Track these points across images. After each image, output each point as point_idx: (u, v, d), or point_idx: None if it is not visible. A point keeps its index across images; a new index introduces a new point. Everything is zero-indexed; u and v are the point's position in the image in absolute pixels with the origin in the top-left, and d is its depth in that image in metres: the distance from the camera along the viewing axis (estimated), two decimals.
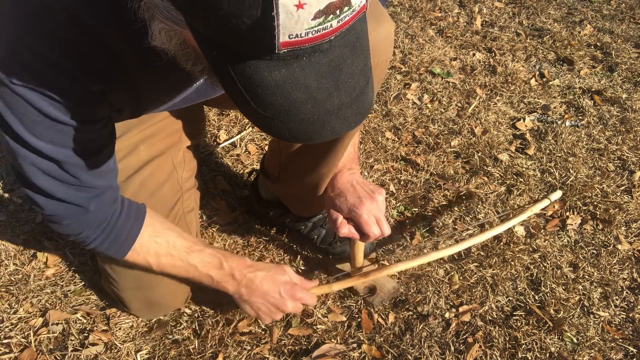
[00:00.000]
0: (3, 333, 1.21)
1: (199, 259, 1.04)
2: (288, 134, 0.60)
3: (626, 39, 2.48)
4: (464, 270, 1.39)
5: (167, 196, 1.17)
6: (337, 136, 0.63)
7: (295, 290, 1.09)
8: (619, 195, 1.64)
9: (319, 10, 0.50)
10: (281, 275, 1.09)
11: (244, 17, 0.49)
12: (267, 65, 0.55)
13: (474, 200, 1.60)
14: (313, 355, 1.18)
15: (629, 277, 1.41)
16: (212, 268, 1.05)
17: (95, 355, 1.17)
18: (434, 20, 2.56)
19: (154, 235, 0.99)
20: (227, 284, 1.07)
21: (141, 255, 0.99)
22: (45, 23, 0.70)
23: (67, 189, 0.85)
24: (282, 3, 0.48)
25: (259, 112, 0.59)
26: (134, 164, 1.11)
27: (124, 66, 0.78)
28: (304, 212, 1.40)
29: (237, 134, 1.80)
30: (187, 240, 1.04)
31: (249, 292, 1.07)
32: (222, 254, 1.07)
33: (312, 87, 0.57)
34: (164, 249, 1.01)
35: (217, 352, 1.19)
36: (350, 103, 0.61)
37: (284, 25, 0.50)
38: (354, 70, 0.60)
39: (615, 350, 1.24)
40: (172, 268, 1.03)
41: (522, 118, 1.94)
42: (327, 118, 0.59)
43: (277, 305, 1.08)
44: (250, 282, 1.06)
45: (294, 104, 0.58)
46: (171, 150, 1.19)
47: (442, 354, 1.21)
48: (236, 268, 1.06)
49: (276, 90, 0.56)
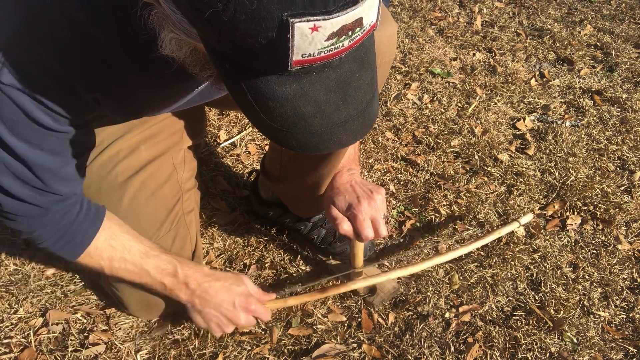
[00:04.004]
0: (3, 333, 1.21)
1: (153, 264, 1.00)
2: (296, 145, 0.61)
3: (626, 39, 2.48)
4: (464, 270, 1.39)
5: (167, 197, 1.17)
6: (344, 147, 0.64)
7: (249, 303, 1.06)
8: (619, 195, 1.64)
9: (332, 32, 0.51)
10: (237, 286, 1.06)
11: (259, 38, 0.51)
12: (279, 79, 0.56)
13: (474, 200, 1.60)
14: (313, 355, 1.18)
15: (629, 277, 1.41)
16: (166, 275, 1.01)
17: (96, 355, 1.17)
18: (434, 20, 2.56)
19: (110, 238, 0.96)
20: (180, 293, 1.03)
21: (94, 258, 0.96)
22: (44, 27, 0.70)
23: (31, 191, 0.83)
24: (298, 26, 0.49)
25: (268, 123, 0.60)
26: (134, 164, 1.11)
27: (121, 75, 0.77)
28: (304, 212, 1.40)
29: (237, 134, 1.80)
30: (143, 244, 1.00)
31: (202, 302, 1.04)
32: (178, 261, 1.03)
33: (321, 100, 0.58)
34: (118, 253, 0.97)
35: (217, 352, 1.19)
36: (357, 116, 0.62)
37: (298, 46, 0.51)
38: (361, 84, 0.61)
39: (615, 350, 1.24)
40: (125, 273, 1.00)
41: (522, 118, 1.94)
42: (334, 130, 0.61)
43: (229, 317, 1.05)
44: (205, 292, 1.03)
45: (303, 117, 0.59)
46: (172, 151, 1.19)
47: (442, 354, 1.21)
48: (191, 276, 1.02)
49: (286, 103, 0.58)
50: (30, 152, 0.78)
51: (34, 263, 1.36)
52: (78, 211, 0.92)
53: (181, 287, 1.03)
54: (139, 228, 1.11)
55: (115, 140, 1.10)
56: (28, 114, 0.73)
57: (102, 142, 1.09)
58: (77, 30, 0.70)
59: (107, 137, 1.10)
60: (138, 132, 1.11)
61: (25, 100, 0.72)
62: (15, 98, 0.71)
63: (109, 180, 1.08)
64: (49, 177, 0.83)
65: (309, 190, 1.23)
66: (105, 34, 0.72)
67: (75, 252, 0.94)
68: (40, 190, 0.83)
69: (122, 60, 0.76)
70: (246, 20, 0.49)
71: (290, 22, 0.49)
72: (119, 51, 0.74)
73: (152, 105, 0.94)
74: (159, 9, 0.59)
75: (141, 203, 1.11)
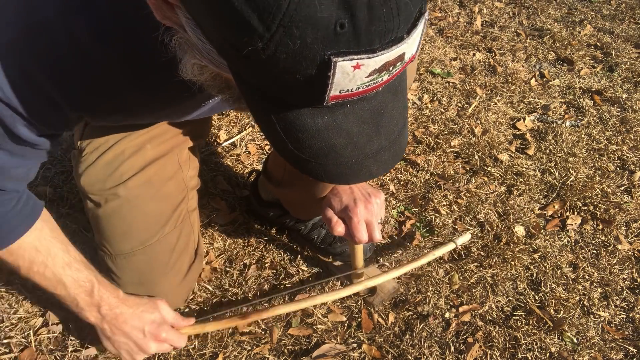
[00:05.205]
0: (3, 333, 1.21)
1: (72, 278, 0.96)
2: (324, 176, 0.59)
3: (626, 39, 2.48)
4: (464, 270, 1.39)
5: (173, 194, 1.17)
6: (373, 178, 0.62)
7: (159, 331, 1.03)
8: (619, 195, 1.64)
9: (374, 69, 0.49)
10: (149, 314, 1.03)
11: (297, 75, 0.49)
12: (311, 112, 0.54)
13: (474, 200, 1.60)
14: (313, 355, 1.18)
15: (629, 277, 1.41)
16: (81, 292, 0.97)
17: (96, 355, 1.17)
18: (434, 20, 2.56)
19: (37, 240, 0.92)
20: (90, 315, 1.00)
21: (14, 256, 0.92)
22: (42, 39, 0.67)
23: None
24: (340, 65, 0.47)
25: (296, 154, 0.57)
26: (140, 162, 1.10)
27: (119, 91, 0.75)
28: (304, 215, 1.40)
29: (237, 134, 1.80)
30: (69, 255, 0.96)
31: (112, 329, 1.01)
32: (98, 281, 0.99)
33: (354, 132, 0.56)
34: (41, 258, 0.93)
35: (217, 352, 1.19)
36: (389, 146, 0.60)
37: (337, 82, 0.49)
38: (394, 114, 0.59)
39: (615, 350, 1.24)
40: (42, 279, 0.95)
41: (522, 118, 1.94)
42: (365, 161, 0.59)
43: (139, 345, 1.03)
44: (115, 319, 1.00)
45: (334, 149, 0.57)
46: (177, 149, 1.18)
47: (442, 354, 1.21)
48: (105, 300, 0.99)
49: (317, 135, 0.56)
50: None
51: None
52: (13, 205, 0.87)
53: (92, 310, 1.00)
54: (143, 225, 1.11)
55: (120, 140, 1.10)
56: (3, 122, 0.71)
57: (107, 141, 1.09)
58: (76, 46, 0.68)
59: (112, 136, 1.10)
60: (144, 132, 1.11)
61: (4, 111, 0.70)
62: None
63: (114, 177, 1.08)
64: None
65: (312, 196, 1.23)
66: (109, 53, 0.70)
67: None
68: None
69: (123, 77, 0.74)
70: (286, 58, 0.47)
71: (332, 60, 0.47)
72: (123, 70, 0.72)
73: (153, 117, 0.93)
74: (182, 35, 0.57)
75: (146, 200, 1.11)
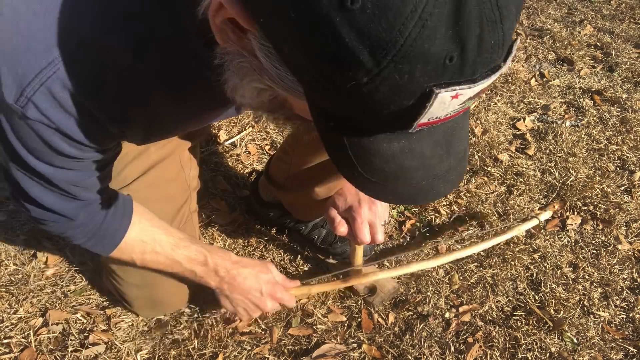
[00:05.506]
0: (3, 333, 1.21)
1: (184, 255, 1.03)
2: (392, 197, 0.59)
3: (626, 39, 2.48)
4: (464, 270, 1.39)
5: (176, 196, 1.17)
6: (440, 197, 0.61)
7: (276, 290, 1.10)
8: (619, 195, 1.64)
9: (469, 97, 0.49)
10: (264, 274, 1.10)
11: (391, 106, 0.47)
12: (388, 137, 0.52)
13: (474, 200, 1.60)
14: (313, 355, 1.18)
15: (629, 277, 1.41)
16: (196, 264, 1.05)
17: (96, 355, 1.17)
18: None
19: (140, 232, 0.99)
20: (210, 280, 1.07)
21: (126, 253, 0.99)
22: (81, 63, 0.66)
23: (57, 198, 0.83)
24: (441, 96, 0.46)
25: (364, 177, 0.55)
26: (144, 165, 1.10)
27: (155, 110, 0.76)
28: (306, 216, 1.40)
29: (237, 134, 1.80)
30: (173, 236, 1.04)
31: (231, 288, 1.08)
32: (208, 250, 1.07)
33: (427, 155, 0.55)
34: (150, 247, 1.00)
35: (217, 352, 1.19)
36: (456, 165, 0.59)
37: (431, 112, 0.48)
38: (462, 134, 0.59)
39: (615, 350, 1.24)
40: (157, 264, 1.03)
41: (522, 118, 1.94)
42: (434, 182, 0.57)
43: (256, 303, 1.10)
44: (233, 279, 1.07)
45: (406, 172, 0.55)
46: (178, 150, 1.18)
47: (442, 354, 1.21)
48: (220, 264, 1.06)
49: (391, 159, 0.54)
50: (52, 171, 0.78)
51: (34, 263, 1.36)
52: (106, 212, 0.93)
53: (211, 275, 1.07)
54: None
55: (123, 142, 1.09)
56: (51, 145, 0.72)
57: None
58: (115, 67, 0.67)
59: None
60: None
61: (50, 135, 0.70)
62: (40, 131, 0.70)
63: (117, 180, 1.07)
64: (73, 188, 0.83)
65: (314, 200, 1.23)
66: (146, 72, 0.69)
67: (107, 248, 0.97)
68: (64, 196, 0.84)
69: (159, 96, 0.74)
70: (387, 91, 0.45)
71: (435, 92, 0.45)
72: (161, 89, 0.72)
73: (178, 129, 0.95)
74: (247, 60, 0.56)
75: (150, 202, 1.10)
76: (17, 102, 0.66)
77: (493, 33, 0.44)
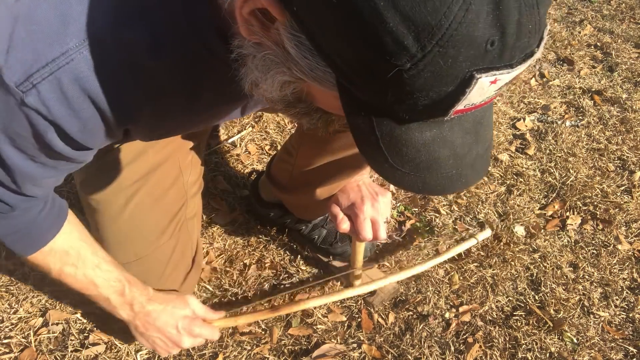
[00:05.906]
0: (3, 333, 1.21)
1: (102, 278, 0.97)
2: (422, 188, 0.57)
3: (626, 39, 2.48)
4: (464, 270, 1.39)
5: (171, 203, 1.14)
6: (468, 187, 0.60)
7: (192, 326, 1.05)
8: (619, 195, 1.64)
9: (505, 82, 0.48)
10: (180, 309, 1.05)
11: (430, 92, 0.46)
12: (420, 126, 0.52)
13: (474, 200, 1.60)
14: (313, 355, 1.19)
15: (629, 277, 1.41)
16: (113, 292, 0.99)
17: (96, 355, 1.17)
18: None
19: (67, 242, 0.92)
20: (123, 312, 1.02)
21: (46, 259, 0.92)
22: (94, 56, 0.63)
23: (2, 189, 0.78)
24: (481, 81, 0.45)
25: (395, 168, 0.55)
26: (141, 169, 1.08)
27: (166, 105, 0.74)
28: (307, 216, 1.40)
29: (237, 134, 1.80)
30: (97, 256, 0.97)
31: (146, 325, 1.03)
32: (128, 281, 1.01)
33: (457, 143, 0.55)
34: (71, 260, 0.94)
35: (217, 352, 1.19)
36: (483, 154, 0.58)
37: (469, 98, 0.47)
38: (489, 122, 0.58)
39: (615, 350, 1.24)
40: (73, 280, 0.96)
41: (522, 118, 1.94)
42: (463, 171, 0.57)
43: (173, 340, 1.04)
44: (147, 315, 1.02)
45: (437, 161, 0.55)
46: (178, 153, 1.15)
47: (442, 354, 1.21)
48: (137, 298, 1.01)
49: (422, 148, 0.53)
50: (21, 161, 0.73)
51: None
52: (41, 209, 0.87)
53: (125, 307, 1.01)
54: (139, 235, 1.10)
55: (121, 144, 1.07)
56: (40, 136, 0.68)
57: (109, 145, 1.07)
58: (130, 60, 0.65)
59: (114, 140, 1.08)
60: None
61: (44, 127, 0.67)
62: (34, 121, 0.66)
63: (114, 186, 1.06)
64: (27, 183, 0.78)
65: (316, 200, 1.22)
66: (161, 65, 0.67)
67: (28, 249, 0.91)
68: (12, 190, 0.79)
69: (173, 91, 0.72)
70: (429, 77, 0.45)
71: (475, 77, 0.45)
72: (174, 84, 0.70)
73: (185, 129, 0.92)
74: (274, 52, 0.55)
75: (144, 210, 1.09)
76: (19, 86, 0.63)
77: (530, 17, 0.45)
